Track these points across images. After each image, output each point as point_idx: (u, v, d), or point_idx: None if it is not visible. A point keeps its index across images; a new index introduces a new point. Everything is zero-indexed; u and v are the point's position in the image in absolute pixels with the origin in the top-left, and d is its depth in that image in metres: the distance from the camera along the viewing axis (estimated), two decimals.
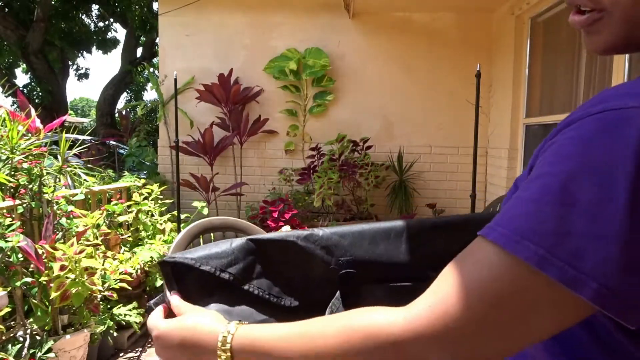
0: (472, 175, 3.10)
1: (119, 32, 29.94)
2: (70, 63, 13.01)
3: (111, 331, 2.66)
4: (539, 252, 0.40)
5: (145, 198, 3.51)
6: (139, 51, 11.61)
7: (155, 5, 9.75)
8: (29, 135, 2.68)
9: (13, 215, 2.44)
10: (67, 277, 2.27)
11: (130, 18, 10.53)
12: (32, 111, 2.70)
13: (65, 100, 11.11)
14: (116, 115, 10.60)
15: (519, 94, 4.09)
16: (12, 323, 2.40)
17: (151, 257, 3.07)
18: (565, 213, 0.40)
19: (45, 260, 2.29)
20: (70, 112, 8.08)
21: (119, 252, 3.00)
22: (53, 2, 9.79)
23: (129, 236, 3.36)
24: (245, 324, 0.57)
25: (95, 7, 11.81)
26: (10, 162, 2.52)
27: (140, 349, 2.91)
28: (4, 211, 2.37)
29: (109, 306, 2.77)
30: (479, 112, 3.00)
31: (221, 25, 4.76)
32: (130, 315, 2.78)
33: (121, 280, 2.61)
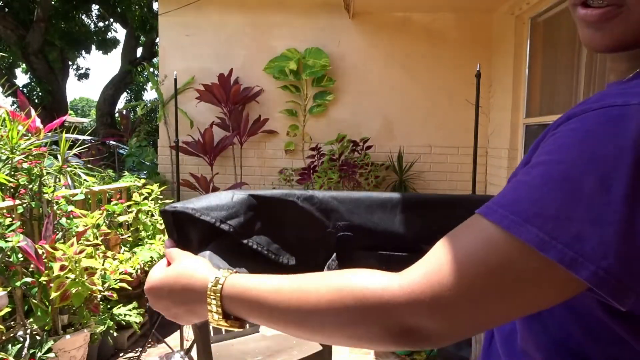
0: (472, 175, 3.09)
1: (119, 32, 29.87)
2: (70, 63, 13.01)
3: (111, 331, 2.66)
4: (540, 235, 0.42)
5: (145, 198, 3.51)
6: (139, 51, 11.61)
7: (155, 5, 9.75)
8: (29, 135, 2.68)
9: (13, 215, 2.44)
10: (67, 277, 2.27)
11: (130, 18, 10.54)
12: (32, 111, 2.70)
13: (65, 100, 11.11)
14: (116, 115, 10.60)
15: (519, 94, 4.09)
16: (12, 323, 2.40)
17: (151, 257, 3.07)
18: (567, 199, 0.42)
19: (45, 260, 2.29)
20: (70, 112, 8.09)
21: (119, 252, 3.00)
22: (53, 2, 9.79)
23: (129, 236, 3.36)
24: (236, 273, 0.56)
25: (95, 7, 11.82)
26: (10, 162, 2.52)
27: (140, 349, 2.91)
28: (4, 211, 2.37)
29: (109, 306, 2.77)
30: (479, 112, 3.00)
31: (221, 25, 4.76)
32: (130, 315, 2.78)
33: (121, 280, 2.61)
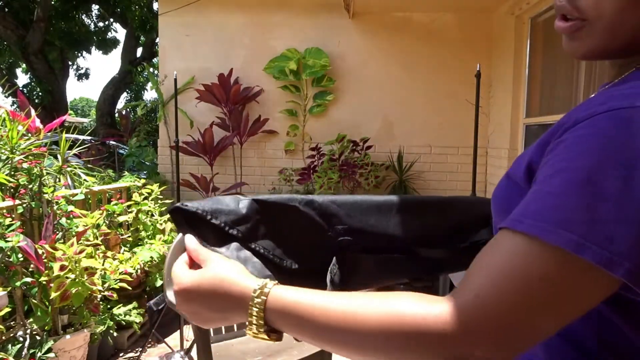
0: (472, 175, 3.09)
1: (119, 32, 29.87)
2: (70, 63, 13.01)
3: (111, 331, 2.66)
4: (573, 238, 0.43)
5: (145, 198, 3.51)
6: (139, 51, 11.61)
7: (155, 5, 9.75)
8: (29, 135, 2.68)
9: (13, 215, 2.44)
10: (67, 277, 2.27)
11: (130, 18, 10.54)
12: (32, 111, 2.70)
13: (65, 100, 11.11)
14: (116, 115, 10.60)
15: (519, 94, 4.09)
16: (12, 323, 2.40)
17: (151, 257, 3.07)
18: (594, 203, 0.44)
19: (45, 260, 2.29)
20: (70, 112, 8.08)
21: (119, 252, 3.00)
22: (53, 2, 9.79)
23: (129, 236, 3.36)
24: (277, 284, 0.55)
25: (95, 7, 11.82)
26: (10, 162, 2.52)
27: (140, 349, 2.91)
28: (4, 211, 2.37)
29: (109, 306, 2.77)
30: (479, 112, 3.00)
31: (221, 25, 4.76)
32: (130, 315, 2.78)
33: (121, 280, 2.61)
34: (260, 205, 0.72)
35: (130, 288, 2.68)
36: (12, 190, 2.58)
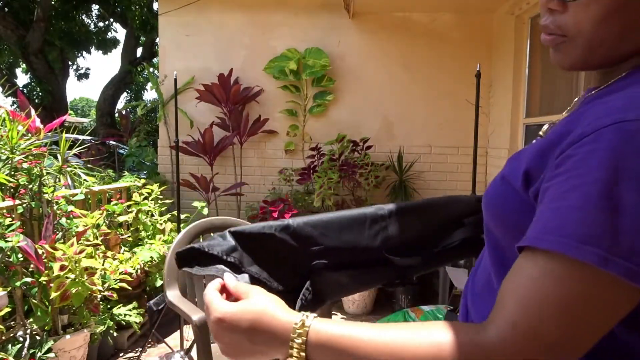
0: (472, 175, 3.10)
1: (119, 32, 29.89)
2: (70, 63, 13.00)
3: (111, 331, 2.66)
4: (599, 253, 0.44)
5: (145, 198, 3.51)
6: (139, 51, 11.60)
7: (155, 5, 9.75)
8: (29, 135, 2.68)
9: (13, 215, 2.44)
10: (67, 277, 2.27)
11: (130, 18, 10.53)
12: (32, 111, 2.70)
13: (65, 100, 11.11)
14: (116, 115, 10.60)
15: (519, 94, 4.09)
16: (12, 323, 2.40)
17: (151, 257, 3.07)
18: (612, 215, 0.45)
19: (45, 260, 2.29)
20: (70, 112, 8.08)
21: (119, 252, 3.00)
22: (53, 2, 9.79)
23: (129, 236, 3.36)
24: (319, 317, 0.56)
25: (95, 7, 11.81)
26: (10, 162, 2.52)
27: (140, 349, 2.91)
28: (4, 211, 2.37)
29: (109, 306, 2.77)
30: (479, 112, 3.00)
31: (221, 25, 4.76)
32: (130, 315, 2.78)
33: (121, 280, 2.61)
34: (240, 236, 0.76)
35: (130, 288, 2.68)
36: (12, 190, 2.58)
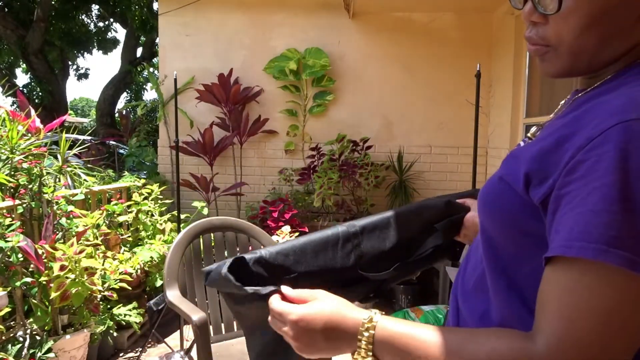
0: (472, 175, 3.10)
1: (119, 32, 29.94)
2: (70, 63, 13.00)
3: (111, 331, 2.66)
4: (626, 255, 0.45)
5: (145, 198, 3.51)
6: (139, 51, 11.60)
7: (155, 5, 9.74)
8: (29, 135, 2.68)
9: (13, 215, 2.44)
10: (67, 277, 2.27)
11: (130, 18, 10.53)
12: (32, 111, 2.70)
13: (65, 100, 11.11)
14: (116, 115, 10.60)
15: (519, 94, 4.09)
16: (12, 323, 2.40)
17: (151, 257, 3.07)
18: (634, 217, 0.46)
19: (45, 260, 2.29)
20: (70, 112, 8.08)
21: (119, 252, 3.00)
22: (53, 2, 9.78)
23: (129, 236, 3.36)
24: (384, 315, 0.60)
25: (95, 7, 11.81)
26: (10, 162, 2.52)
27: (140, 349, 2.91)
28: (4, 211, 2.37)
29: (109, 306, 2.77)
30: (479, 112, 3.00)
31: (221, 25, 4.76)
32: (130, 315, 2.78)
33: (121, 280, 2.61)
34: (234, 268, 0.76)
35: (130, 288, 2.68)
36: (12, 190, 2.58)
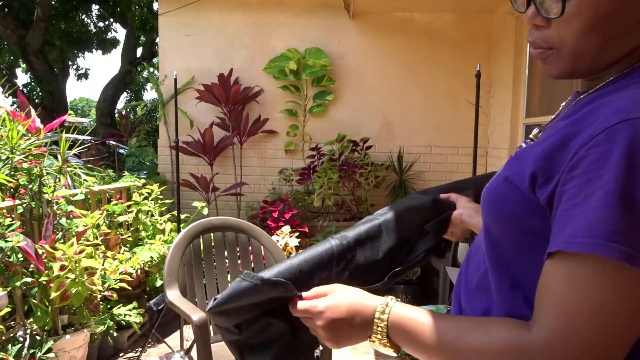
0: (472, 175, 3.10)
1: (119, 32, 29.95)
2: (70, 63, 13.00)
3: (111, 331, 2.66)
4: (627, 251, 0.46)
5: (145, 198, 3.51)
6: (139, 51, 11.59)
7: (155, 5, 9.74)
8: (29, 135, 2.68)
9: (13, 215, 2.44)
10: (67, 277, 2.27)
11: (130, 18, 10.53)
12: (32, 111, 2.70)
13: (65, 100, 11.10)
14: (116, 115, 10.60)
15: (519, 94, 4.09)
16: (12, 323, 2.40)
17: (151, 257, 3.07)
18: (633, 213, 0.47)
19: (45, 260, 2.29)
20: (70, 112, 8.08)
21: (119, 252, 3.01)
22: (53, 2, 9.78)
23: (129, 236, 3.36)
24: (399, 301, 0.66)
25: (95, 7, 11.80)
26: (10, 162, 2.52)
27: (140, 349, 2.91)
28: (4, 211, 2.37)
29: (109, 306, 2.77)
30: (479, 112, 3.00)
31: (221, 25, 4.76)
32: (130, 315, 2.78)
33: (121, 280, 2.61)
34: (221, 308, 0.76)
35: (130, 288, 2.68)
36: (12, 190, 2.58)
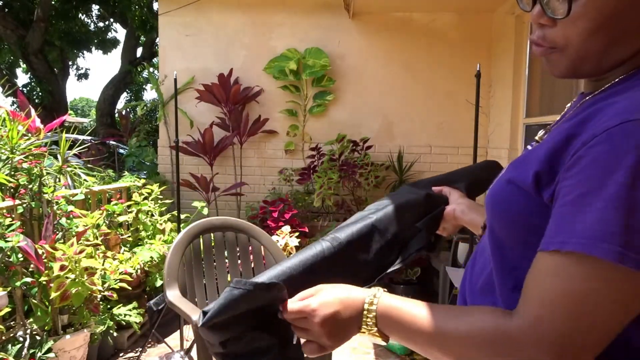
0: None
1: (119, 32, 29.94)
2: (70, 63, 13.00)
3: (111, 331, 2.66)
4: (616, 249, 0.47)
5: (145, 198, 3.51)
6: (139, 51, 11.60)
7: (155, 5, 9.74)
8: (29, 135, 2.68)
9: (13, 215, 2.44)
10: (67, 277, 2.27)
11: (130, 18, 10.53)
12: (32, 111, 2.70)
13: (65, 100, 11.10)
14: (116, 115, 10.60)
15: (519, 94, 4.09)
16: (12, 323, 2.40)
17: (151, 257, 3.07)
18: (628, 213, 0.48)
19: (45, 260, 2.29)
20: (70, 112, 8.07)
21: (119, 252, 3.00)
22: (53, 2, 9.78)
23: (129, 236, 3.36)
24: (386, 292, 0.68)
25: (95, 7, 11.81)
26: (10, 162, 2.52)
27: (140, 349, 2.91)
28: (4, 211, 2.37)
29: (109, 306, 2.77)
30: (479, 112, 3.00)
31: (221, 25, 4.76)
32: (130, 315, 2.78)
33: (121, 280, 2.61)
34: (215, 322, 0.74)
35: (130, 288, 2.68)
36: (12, 190, 2.58)
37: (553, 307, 0.51)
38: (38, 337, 2.28)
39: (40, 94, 11.07)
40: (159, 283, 3.10)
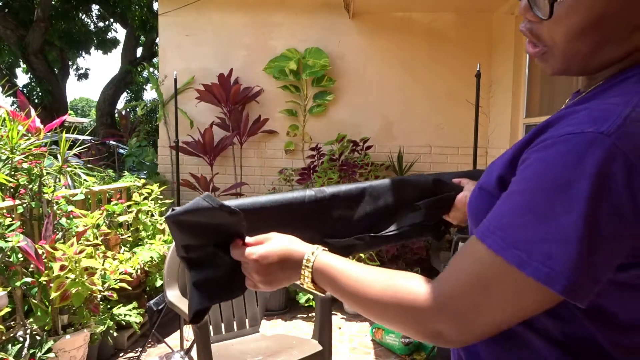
0: None
1: (119, 32, 29.97)
2: (70, 63, 13.01)
3: (111, 331, 2.66)
4: (520, 255, 0.51)
5: (145, 198, 3.51)
6: (139, 51, 11.60)
7: (155, 5, 9.75)
8: (29, 135, 2.68)
9: (13, 215, 2.44)
10: (67, 277, 2.27)
11: (130, 18, 10.53)
12: (32, 111, 2.70)
13: (65, 100, 11.10)
14: (116, 115, 10.60)
15: (519, 94, 4.09)
16: (12, 323, 2.40)
17: (151, 257, 3.07)
18: (539, 223, 0.50)
19: (45, 260, 2.29)
20: (70, 112, 8.08)
21: (119, 252, 3.01)
22: (53, 2, 9.78)
23: (129, 236, 3.36)
24: (325, 250, 0.73)
25: (95, 7, 11.81)
26: (10, 162, 2.52)
27: (140, 349, 2.91)
28: (4, 211, 2.37)
29: (109, 306, 2.77)
30: (479, 112, 3.00)
31: (221, 25, 4.76)
32: (130, 315, 2.78)
33: (121, 280, 2.61)
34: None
35: (130, 288, 2.68)
36: (12, 190, 2.58)
37: (462, 288, 0.56)
38: (38, 337, 2.28)
39: (40, 94, 11.07)
40: (159, 283, 3.10)
